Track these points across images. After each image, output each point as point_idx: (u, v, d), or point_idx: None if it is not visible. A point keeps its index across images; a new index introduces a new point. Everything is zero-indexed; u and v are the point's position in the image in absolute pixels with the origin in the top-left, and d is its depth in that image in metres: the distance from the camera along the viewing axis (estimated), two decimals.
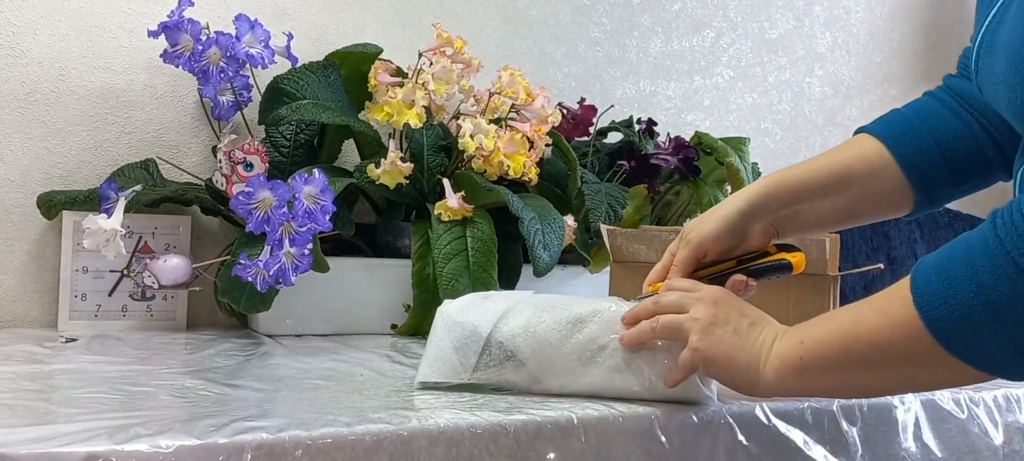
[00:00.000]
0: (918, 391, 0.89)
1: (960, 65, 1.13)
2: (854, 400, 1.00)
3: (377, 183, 1.37)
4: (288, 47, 1.41)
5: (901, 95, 2.22)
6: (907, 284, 0.77)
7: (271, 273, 1.23)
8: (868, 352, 0.79)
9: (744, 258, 1.00)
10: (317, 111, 1.37)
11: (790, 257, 1.00)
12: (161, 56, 1.34)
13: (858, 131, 1.05)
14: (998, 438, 1.08)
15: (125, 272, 1.38)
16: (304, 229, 1.23)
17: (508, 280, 1.42)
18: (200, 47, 1.33)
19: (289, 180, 1.24)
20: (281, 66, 1.41)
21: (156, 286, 1.33)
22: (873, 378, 0.82)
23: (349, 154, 1.53)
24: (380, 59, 1.45)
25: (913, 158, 0.98)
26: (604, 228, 1.27)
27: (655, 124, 1.72)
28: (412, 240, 1.37)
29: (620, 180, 1.58)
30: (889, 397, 1.03)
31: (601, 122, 1.68)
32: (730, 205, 1.00)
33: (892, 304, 0.77)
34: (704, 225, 1.00)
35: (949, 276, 0.74)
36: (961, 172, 1.00)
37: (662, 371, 0.91)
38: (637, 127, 1.71)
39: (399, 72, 1.45)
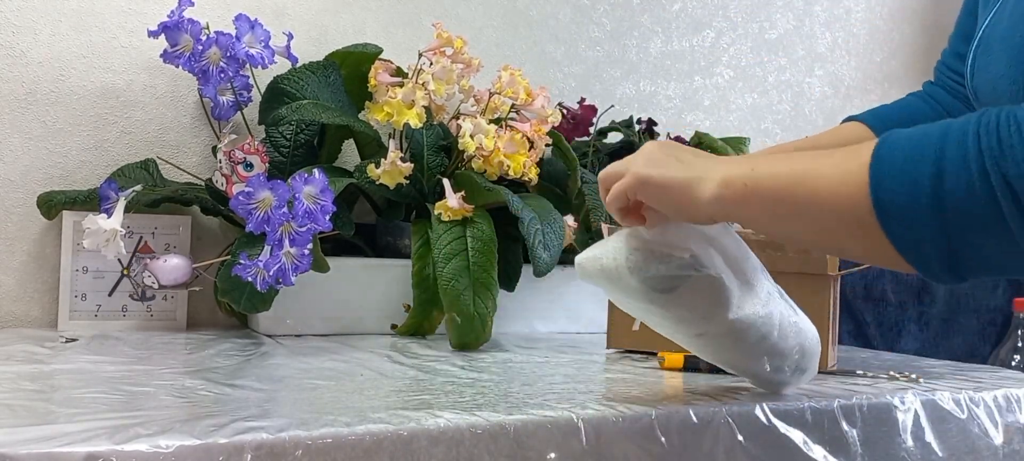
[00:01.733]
0: (847, 257, 0.84)
1: (938, 73, 1.15)
2: (854, 400, 1.00)
3: (377, 183, 1.37)
4: (288, 47, 1.41)
5: (901, 95, 2.22)
6: (871, 147, 0.74)
7: (271, 273, 1.23)
8: (810, 200, 0.76)
9: None
10: (317, 111, 1.37)
11: None
12: (161, 56, 1.34)
13: (847, 119, 1.06)
14: (998, 438, 1.08)
15: (125, 272, 1.38)
16: (304, 229, 1.23)
17: (508, 280, 1.42)
18: (200, 47, 1.33)
19: (289, 180, 1.24)
20: (281, 66, 1.41)
21: (156, 286, 1.33)
22: (808, 229, 0.78)
23: (349, 154, 1.53)
24: (380, 59, 1.45)
25: None
26: (605, 227, 1.27)
27: (655, 124, 1.72)
28: (412, 240, 1.37)
29: None
30: (889, 398, 1.03)
31: (601, 122, 1.68)
32: None
33: (849, 162, 0.74)
34: None
35: (914, 153, 0.71)
36: None
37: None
38: (637, 127, 1.71)
39: (399, 72, 1.45)
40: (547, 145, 1.49)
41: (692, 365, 1.15)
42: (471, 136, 1.38)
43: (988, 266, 0.72)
